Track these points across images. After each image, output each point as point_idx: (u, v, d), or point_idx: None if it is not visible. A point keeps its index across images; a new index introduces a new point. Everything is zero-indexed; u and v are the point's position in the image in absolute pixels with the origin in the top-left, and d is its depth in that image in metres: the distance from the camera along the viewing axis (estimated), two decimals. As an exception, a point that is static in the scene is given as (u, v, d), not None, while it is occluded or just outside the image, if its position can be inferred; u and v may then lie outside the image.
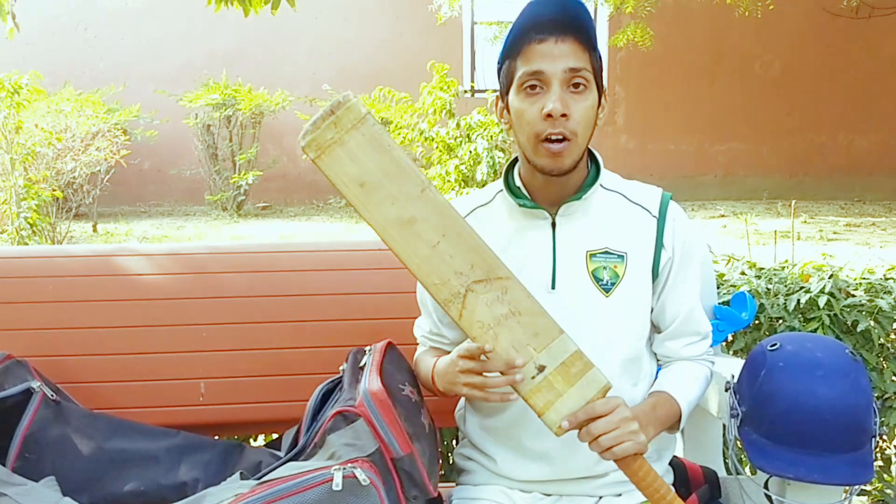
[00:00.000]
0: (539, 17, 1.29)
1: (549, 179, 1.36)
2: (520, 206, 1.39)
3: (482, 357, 1.22)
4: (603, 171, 1.41)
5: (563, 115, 1.28)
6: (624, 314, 1.38)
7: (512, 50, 1.33)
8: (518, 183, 1.41)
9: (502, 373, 1.22)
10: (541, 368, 1.20)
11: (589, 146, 1.39)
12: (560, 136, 1.29)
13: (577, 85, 1.30)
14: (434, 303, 1.45)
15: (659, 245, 1.39)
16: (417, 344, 1.57)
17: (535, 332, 1.21)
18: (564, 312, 1.36)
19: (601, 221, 1.39)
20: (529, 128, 1.31)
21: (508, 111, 1.37)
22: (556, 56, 1.28)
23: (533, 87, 1.30)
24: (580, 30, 1.29)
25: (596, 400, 1.22)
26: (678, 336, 1.44)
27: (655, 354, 1.48)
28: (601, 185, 1.40)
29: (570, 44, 1.29)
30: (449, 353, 1.41)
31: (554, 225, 1.39)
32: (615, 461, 1.23)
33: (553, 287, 1.37)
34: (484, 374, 1.23)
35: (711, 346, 1.68)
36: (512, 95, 1.34)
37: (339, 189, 1.16)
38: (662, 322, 1.44)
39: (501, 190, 1.44)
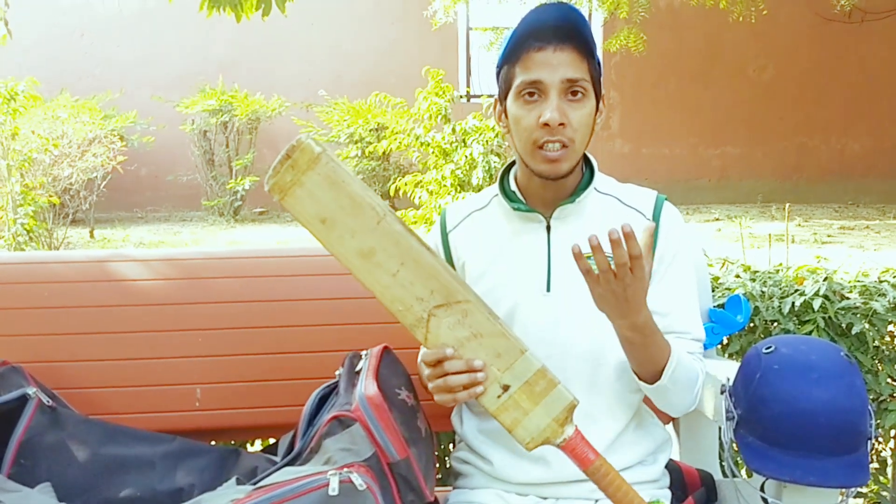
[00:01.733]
0: (539, 25, 1.29)
1: (545, 183, 1.36)
2: (514, 209, 1.40)
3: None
4: (597, 174, 1.42)
5: (561, 125, 1.29)
6: None
7: (511, 56, 1.33)
8: (513, 187, 1.42)
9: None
10: (505, 388, 1.22)
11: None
12: (558, 143, 1.30)
13: (574, 93, 1.30)
14: None
15: (653, 248, 1.39)
16: (414, 348, 1.56)
17: (498, 352, 1.21)
18: (559, 315, 1.36)
19: (595, 225, 1.39)
20: (527, 134, 1.32)
21: (506, 115, 1.38)
22: (554, 65, 1.29)
23: (531, 94, 1.31)
24: (579, 39, 1.29)
25: (563, 419, 1.21)
26: (668, 334, 1.39)
27: None
28: (595, 189, 1.41)
29: (568, 53, 1.29)
30: None
31: (549, 228, 1.39)
32: (582, 468, 1.23)
33: (548, 290, 1.38)
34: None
35: (706, 348, 1.68)
36: (510, 101, 1.35)
37: (304, 226, 1.22)
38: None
39: (497, 194, 1.44)
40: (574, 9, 1.30)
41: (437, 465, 2.02)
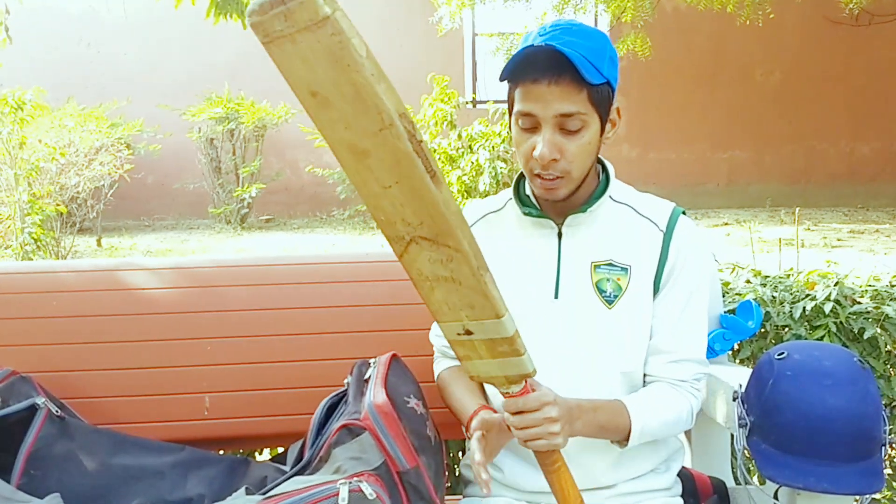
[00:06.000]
0: (534, 57, 1.26)
1: None
2: (525, 214, 1.39)
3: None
4: (613, 182, 1.41)
5: (554, 160, 1.28)
6: (626, 327, 1.37)
7: (511, 79, 1.32)
8: (528, 191, 1.42)
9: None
10: (467, 332, 1.13)
11: (599, 156, 1.39)
12: (550, 176, 1.30)
13: (570, 126, 1.28)
14: None
15: (663, 259, 1.38)
16: (423, 355, 1.56)
17: (471, 305, 1.12)
18: (567, 322, 1.36)
19: (607, 233, 1.39)
20: (523, 161, 1.33)
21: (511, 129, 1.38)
22: (548, 100, 1.26)
23: (527, 124, 1.30)
24: (573, 72, 1.24)
25: (515, 379, 1.17)
26: (659, 352, 1.38)
27: None
28: (610, 197, 1.40)
29: (563, 86, 1.25)
30: None
31: (560, 235, 1.39)
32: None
33: (556, 296, 1.37)
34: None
35: (718, 354, 1.67)
36: (512, 120, 1.35)
37: (287, 83, 0.99)
38: (651, 336, 1.40)
39: (512, 198, 1.44)
40: (571, 37, 1.26)
41: (447, 474, 2.01)
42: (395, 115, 0.97)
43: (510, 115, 1.36)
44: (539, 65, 1.25)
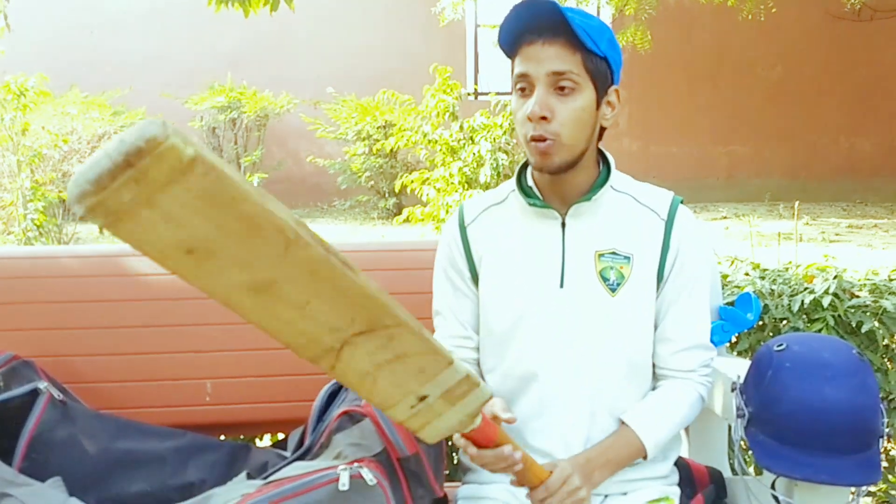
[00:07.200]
0: (526, 20, 1.30)
1: (554, 178, 1.37)
2: (530, 205, 1.40)
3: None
4: (614, 172, 1.42)
5: (544, 119, 1.30)
6: (629, 314, 1.38)
7: (510, 50, 1.35)
8: (530, 183, 1.43)
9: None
10: (422, 398, 1.05)
11: (600, 147, 1.41)
12: (541, 137, 1.31)
13: (562, 86, 1.30)
14: (458, 303, 1.45)
15: (666, 248, 1.39)
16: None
17: (421, 368, 1.03)
18: (572, 311, 1.37)
19: (610, 222, 1.40)
20: (519, 127, 1.35)
21: None
22: (541, 59, 1.29)
23: (523, 88, 1.33)
24: (568, 32, 1.28)
25: (476, 413, 1.11)
26: (667, 340, 1.40)
27: None
28: (611, 187, 1.41)
29: (557, 47, 1.29)
30: (475, 358, 1.46)
31: (564, 225, 1.40)
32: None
33: (562, 286, 1.38)
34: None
35: (716, 346, 1.68)
36: (512, 94, 1.37)
37: (148, 256, 0.80)
38: (657, 324, 1.42)
39: (514, 189, 1.45)
40: (569, 12, 1.29)
41: (447, 461, 2.02)
42: (295, 225, 0.84)
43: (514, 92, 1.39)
44: (532, 29, 1.29)
